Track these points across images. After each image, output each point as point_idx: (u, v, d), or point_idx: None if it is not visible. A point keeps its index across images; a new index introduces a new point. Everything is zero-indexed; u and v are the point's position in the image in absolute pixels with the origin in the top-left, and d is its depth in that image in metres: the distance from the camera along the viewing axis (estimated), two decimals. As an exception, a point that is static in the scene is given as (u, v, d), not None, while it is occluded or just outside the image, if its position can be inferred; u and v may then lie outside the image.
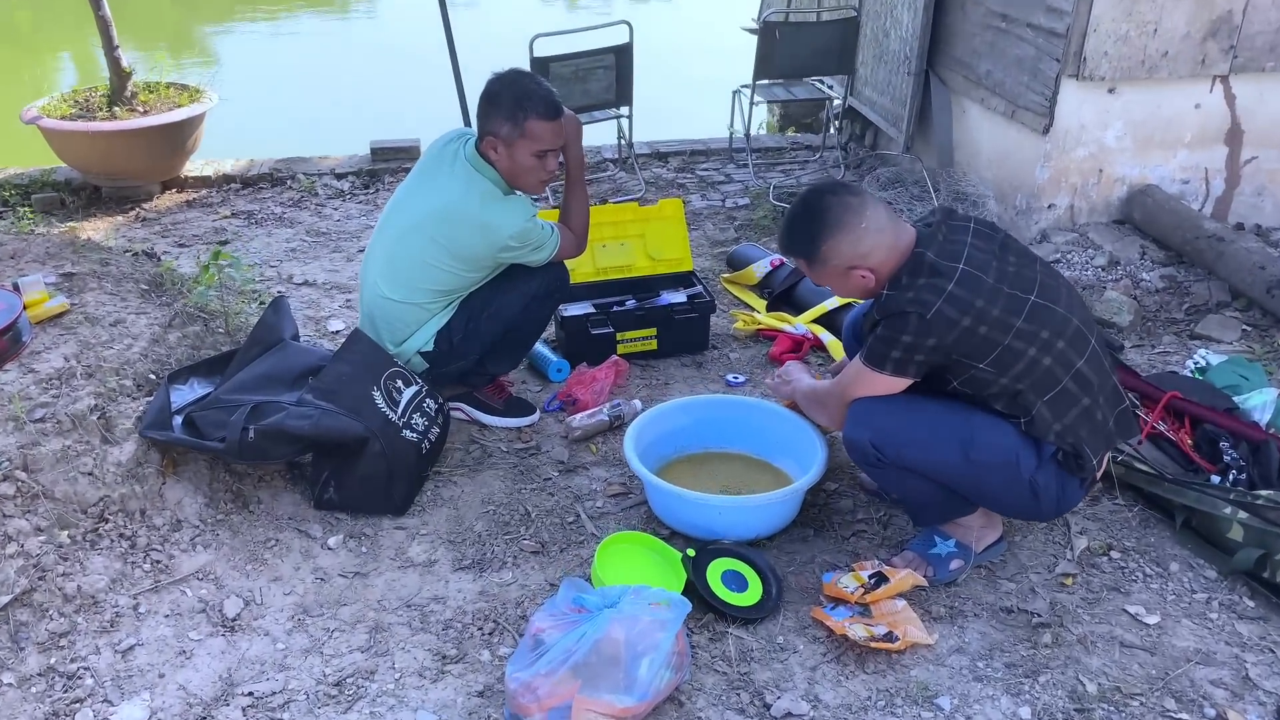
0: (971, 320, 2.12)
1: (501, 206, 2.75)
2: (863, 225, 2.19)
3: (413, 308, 2.85)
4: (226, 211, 4.83)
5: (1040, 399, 2.19)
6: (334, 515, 2.62)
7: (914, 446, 2.24)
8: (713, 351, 3.54)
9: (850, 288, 2.28)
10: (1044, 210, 4.11)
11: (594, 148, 5.70)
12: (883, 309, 2.20)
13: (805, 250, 2.24)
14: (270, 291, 3.89)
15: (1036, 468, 2.24)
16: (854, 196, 2.24)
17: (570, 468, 2.89)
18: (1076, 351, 2.23)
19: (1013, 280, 2.21)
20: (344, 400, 2.60)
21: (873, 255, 2.20)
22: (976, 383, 2.20)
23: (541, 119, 2.69)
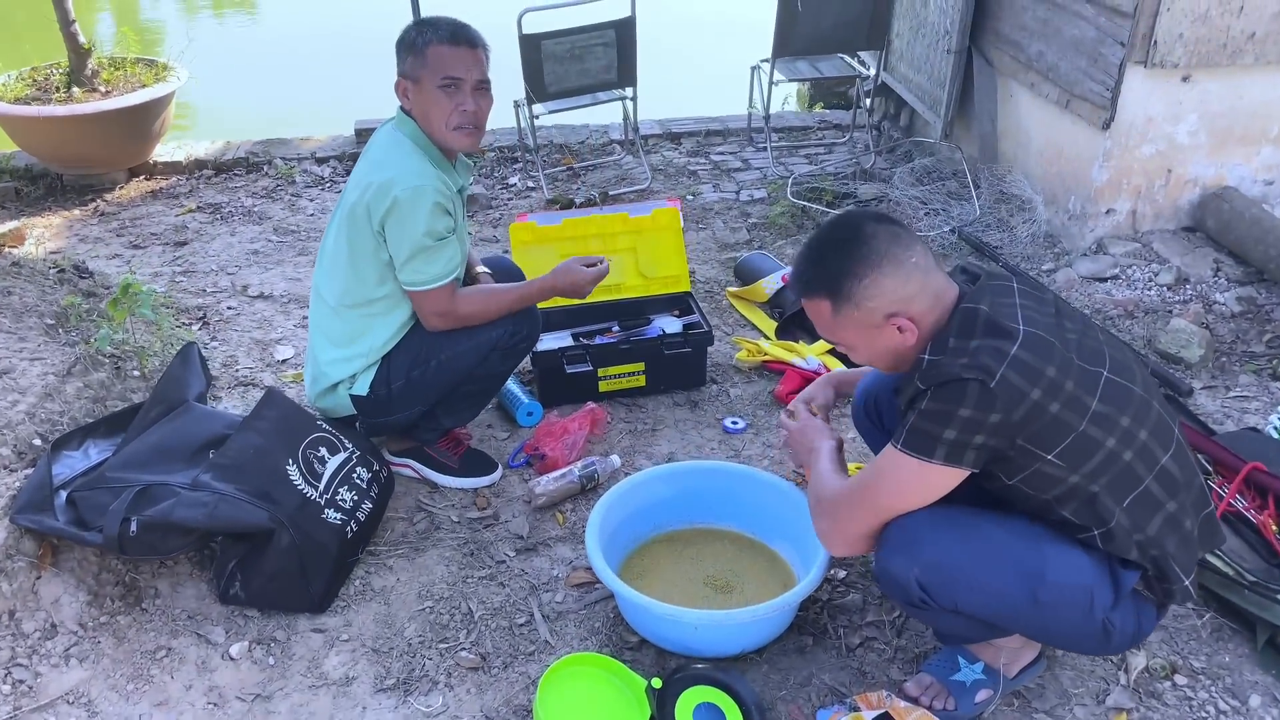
0: (1043, 394, 1.63)
1: (417, 162, 2.33)
2: (912, 260, 1.72)
3: (334, 313, 2.44)
4: (192, 204, 4.41)
5: (1119, 504, 1.71)
6: (242, 613, 2.22)
7: (973, 590, 1.73)
8: (710, 387, 3.08)
9: (878, 347, 1.78)
10: (1101, 216, 3.57)
11: (601, 126, 5.22)
12: (928, 376, 1.68)
13: (832, 285, 1.72)
14: (219, 309, 3.48)
15: (1113, 605, 1.76)
16: (900, 226, 1.76)
17: (530, 545, 2.46)
18: (1161, 444, 1.74)
19: (1079, 350, 1.72)
20: (250, 479, 2.18)
21: (917, 302, 1.72)
22: (1041, 481, 1.70)
23: (444, 43, 2.31)
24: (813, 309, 1.80)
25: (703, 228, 4.14)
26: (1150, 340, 3.15)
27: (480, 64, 2.36)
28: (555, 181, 4.65)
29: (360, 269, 2.39)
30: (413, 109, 2.36)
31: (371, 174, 2.34)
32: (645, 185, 4.52)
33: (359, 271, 2.39)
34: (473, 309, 2.45)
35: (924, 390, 1.69)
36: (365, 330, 2.44)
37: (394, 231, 2.31)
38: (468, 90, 2.34)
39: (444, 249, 2.36)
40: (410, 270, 2.35)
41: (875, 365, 1.87)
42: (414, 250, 2.32)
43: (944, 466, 1.67)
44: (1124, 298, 3.35)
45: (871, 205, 4.17)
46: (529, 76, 4.14)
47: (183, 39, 9.00)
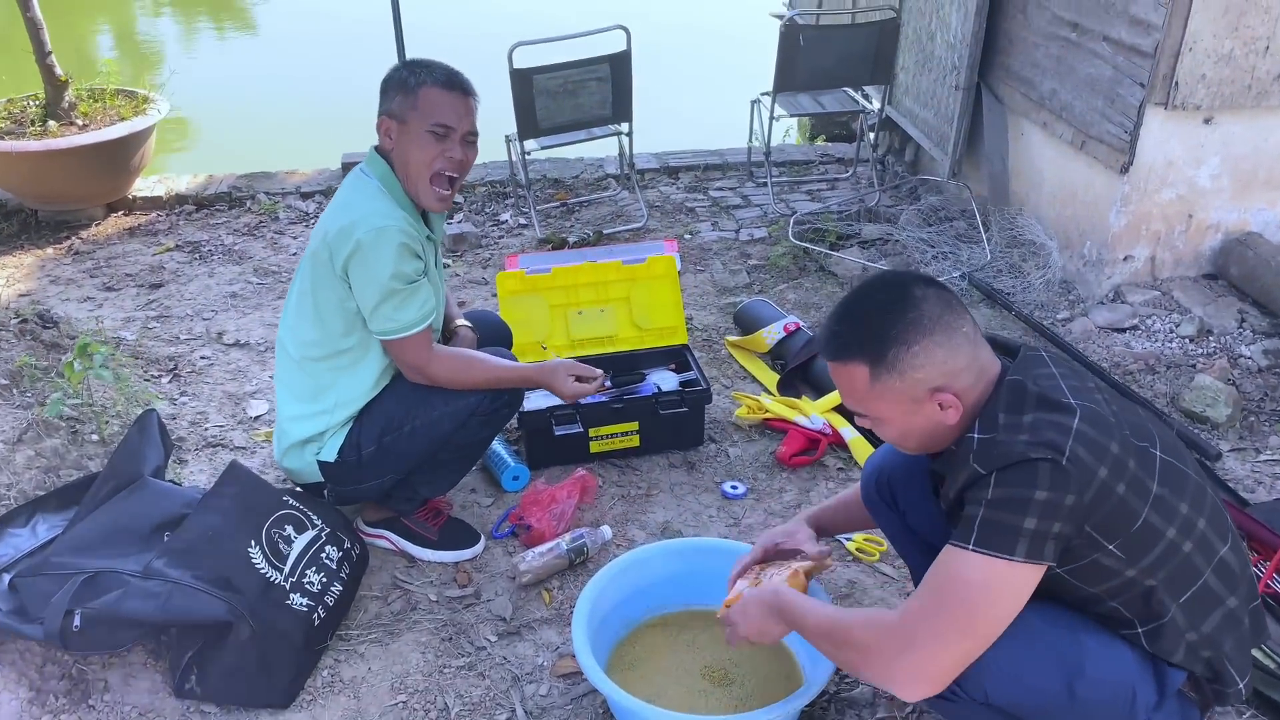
0: (1109, 472, 1.45)
1: (383, 203, 2.18)
2: (964, 330, 1.54)
3: (298, 366, 2.28)
4: (170, 243, 4.25)
5: (1176, 600, 1.53)
6: (199, 708, 2.04)
7: (1005, 680, 1.54)
8: (709, 446, 2.90)
9: (915, 423, 1.58)
10: (1119, 263, 3.41)
11: (596, 160, 5.07)
12: (988, 458, 1.48)
13: (875, 350, 1.52)
14: (191, 359, 3.31)
15: (1156, 705, 1.58)
16: (950, 293, 1.58)
17: (513, 628, 2.28)
18: (1218, 533, 1.58)
19: (1131, 427, 1.55)
20: (208, 564, 2.00)
21: (963, 376, 1.53)
22: (1095, 572, 1.52)
23: (438, 86, 2.16)
24: (844, 374, 1.58)
25: (701, 269, 3.98)
26: (1174, 398, 2.99)
27: (472, 114, 2.22)
28: (548, 218, 4.49)
29: (325, 318, 2.22)
30: (393, 150, 2.20)
31: (334, 218, 2.19)
32: (641, 224, 4.36)
33: (323, 321, 2.23)
34: (446, 373, 2.27)
35: (984, 475, 1.48)
36: (331, 384, 2.28)
37: (358, 276, 2.15)
38: (457, 139, 2.19)
39: (415, 293, 2.19)
40: (380, 318, 2.18)
41: (902, 444, 1.67)
42: (382, 295, 2.15)
43: (1027, 564, 1.45)
44: (1144, 350, 3.19)
45: (876, 245, 4.01)
46: (520, 112, 3.98)
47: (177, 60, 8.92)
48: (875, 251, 3.96)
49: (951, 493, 1.56)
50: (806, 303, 3.68)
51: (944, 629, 1.48)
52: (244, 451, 2.82)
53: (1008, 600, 1.48)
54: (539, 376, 2.37)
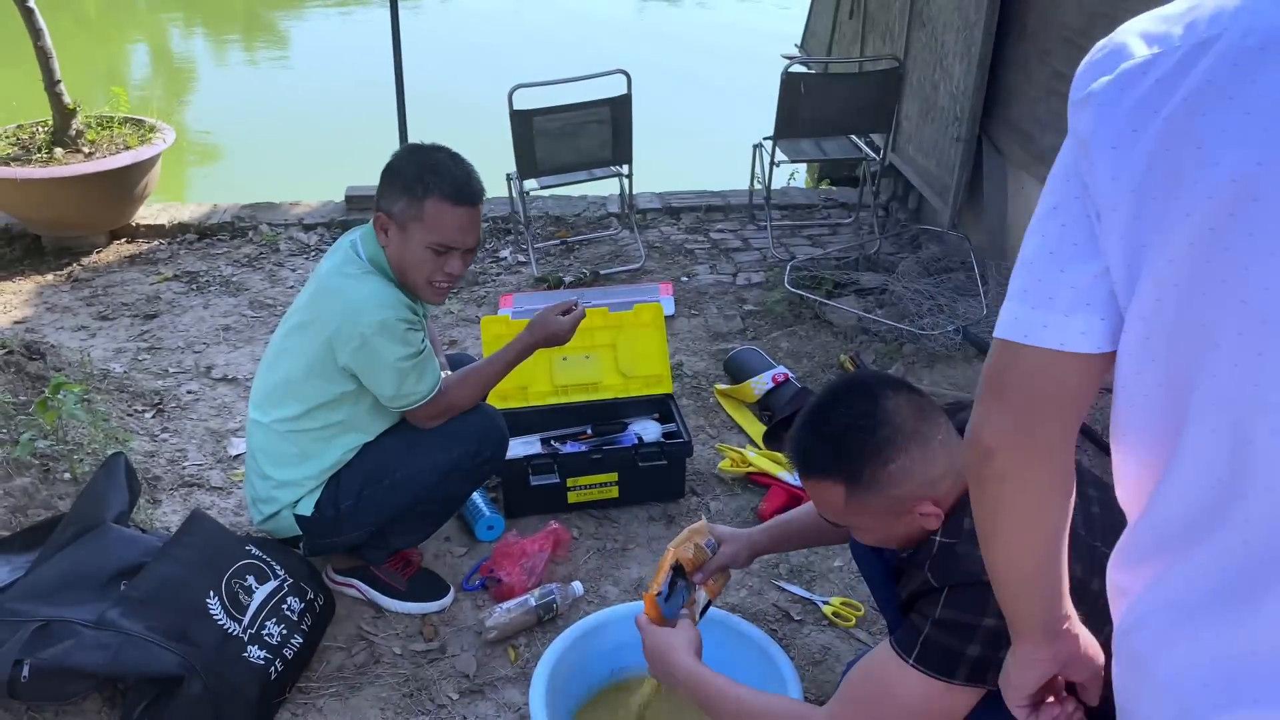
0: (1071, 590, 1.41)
1: (375, 286, 2.14)
2: (938, 438, 1.50)
3: (281, 435, 2.25)
4: (169, 272, 4.26)
5: None
6: (150, 761, 2.01)
7: None
8: (690, 499, 2.86)
9: (896, 532, 1.54)
10: (1115, 321, 3.36)
11: (599, 199, 5.06)
12: (942, 572, 1.44)
13: (849, 471, 1.48)
14: (178, 393, 3.30)
15: None
16: (921, 396, 1.55)
17: (476, 686, 2.24)
18: None
19: (1103, 530, 1.50)
20: (164, 615, 1.98)
21: (942, 482, 1.49)
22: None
23: (446, 200, 2.11)
24: (820, 491, 1.54)
25: (695, 314, 3.95)
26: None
27: (477, 226, 2.19)
28: (547, 256, 4.48)
29: (312, 400, 2.22)
30: (388, 247, 2.18)
31: (329, 311, 2.16)
32: (639, 264, 4.34)
33: (311, 402, 2.22)
34: (463, 396, 2.31)
35: (937, 589, 1.45)
36: (318, 452, 2.27)
37: (367, 368, 2.16)
38: (458, 255, 2.18)
39: (425, 363, 2.20)
40: (400, 399, 2.21)
41: (884, 545, 1.63)
42: (397, 379, 2.17)
43: (966, 687, 1.43)
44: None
45: (873, 295, 3.98)
46: (520, 152, 3.99)
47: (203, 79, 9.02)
48: (871, 301, 3.93)
49: (904, 593, 1.53)
50: (799, 351, 3.64)
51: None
52: (221, 492, 2.81)
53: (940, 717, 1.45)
54: (534, 335, 2.38)
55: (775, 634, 2.38)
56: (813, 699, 2.17)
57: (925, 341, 3.58)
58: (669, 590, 1.96)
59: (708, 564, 2.00)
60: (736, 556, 2.03)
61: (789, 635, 2.39)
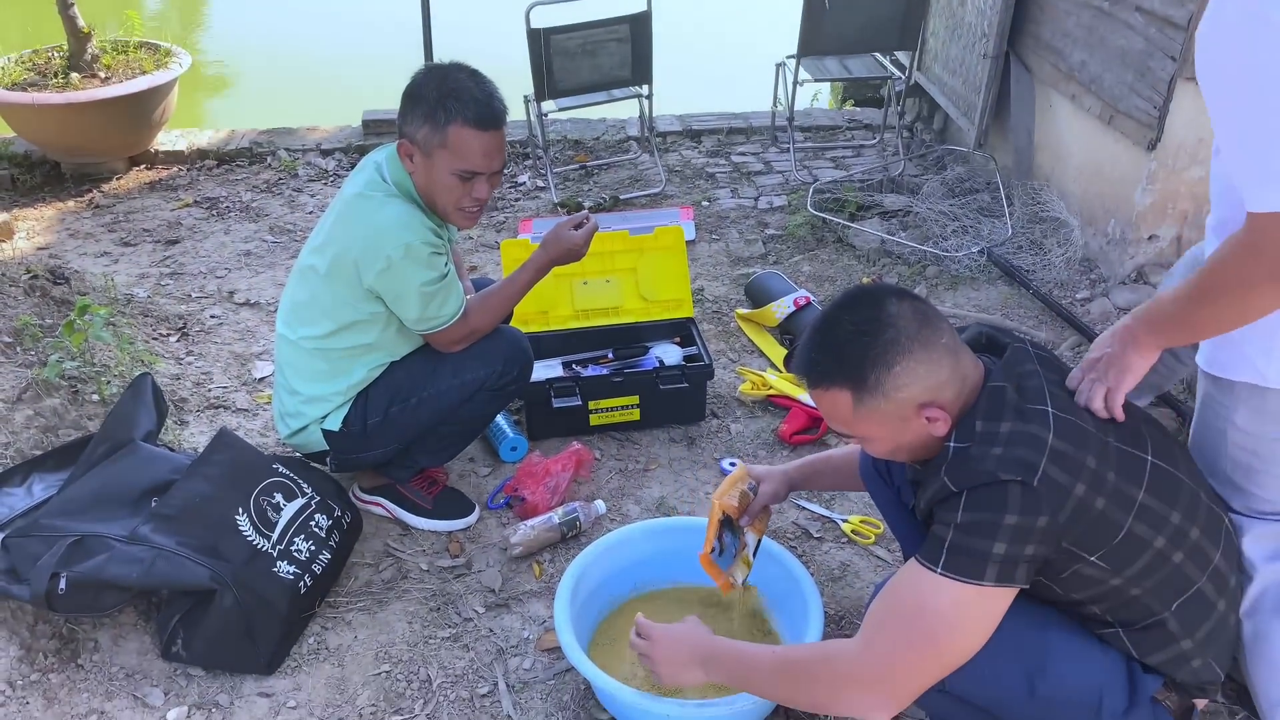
0: (1086, 489, 1.43)
1: (399, 209, 2.13)
2: (942, 343, 1.51)
3: (309, 352, 2.26)
4: (189, 198, 4.26)
5: (1168, 608, 1.51)
6: (186, 671, 2.07)
7: (963, 671, 1.52)
8: (711, 421, 2.87)
9: (905, 440, 1.55)
10: (1143, 242, 3.31)
11: (618, 121, 5.00)
12: (959, 475, 1.46)
13: (854, 375, 1.49)
14: (201, 317, 3.32)
15: (1125, 711, 1.56)
16: (924, 304, 1.55)
17: (502, 600, 2.28)
18: (1212, 540, 1.54)
19: (1116, 431, 1.52)
20: (194, 531, 2.02)
21: (948, 388, 1.51)
22: (1078, 582, 1.50)
23: (469, 126, 2.07)
24: (827, 400, 1.55)
25: (716, 238, 3.92)
26: (1190, 384, 2.90)
27: (502, 149, 2.16)
28: (566, 181, 4.44)
29: (341, 319, 2.22)
30: (414, 173, 2.16)
31: (354, 233, 2.15)
32: (659, 189, 4.30)
33: (339, 321, 2.22)
34: (484, 320, 2.32)
35: (955, 493, 1.46)
36: (348, 369, 2.29)
37: (392, 290, 2.16)
38: (484, 179, 2.15)
39: (449, 287, 2.21)
40: (423, 322, 2.22)
41: (894, 457, 1.64)
42: (422, 303, 2.17)
43: (998, 588, 1.44)
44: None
45: (897, 217, 3.93)
46: (537, 73, 3.92)
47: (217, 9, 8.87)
48: (895, 224, 3.88)
49: (923, 502, 1.54)
50: (821, 275, 3.61)
51: (915, 660, 1.47)
52: (246, 414, 2.84)
53: (978, 626, 1.46)
54: (549, 252, 2.37)
55: (795, 551, 2.40)
56: (831, 613, 2.21)
57: (949, 263, 3.54)
58: (720, 546, 1.99)
59: (751, 506, 2.03)
60: (776, 494, 2.06)
61: (808, 552, 2.42)
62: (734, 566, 2.04)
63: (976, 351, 1.61)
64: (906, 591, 1.50)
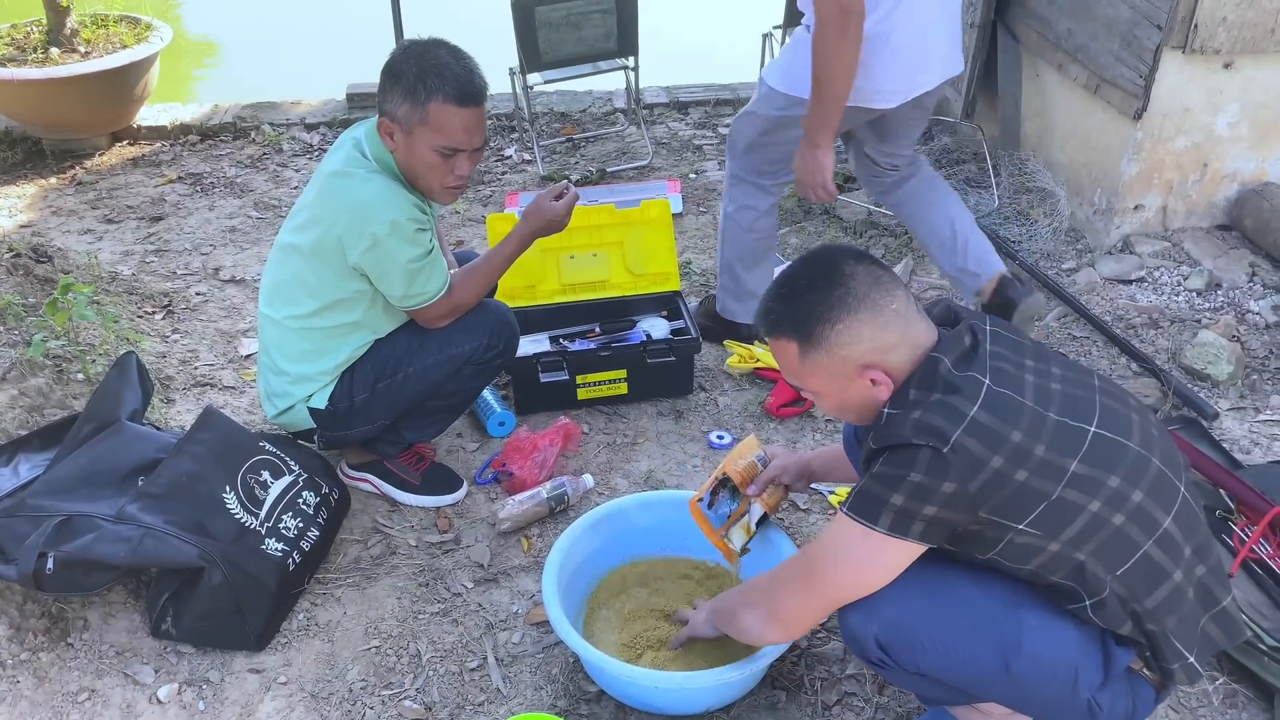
0: (1005, 461, 1.45)
1: (382, 185, 2.12)
2: (892, 307, 1.55)
3: (294, 332, 2.26)
4: (173, 174, 4.22)
5: (1111, 573, 1.52)
6: (176, 648, 2.08)
7: (937, 654, 1.58)
8: (699, 395, 2.88)
9: (848, 398, 1.61)
10: (1129, 212, 3.32)
11: (605, 93, 4.97)
12: (881, 435, 1.54)
13: (801, 328, 1.56)
14: (186, 294, 3.31)
15: (1101, 685, 1.58)
16: (881, 268, 1.59)
17: (491, 575, 2.30)
18: (1162, 504, 1.54)
19: (1061, 404, 1.53)
20: (182, 509, 2.02)
21: (894, 354, 1.55)
22: (1018, 552, 1.51)
23: (450, 102, 2.06)
24: (779, 350, 1.62)
25: (704, 211, 3.91)
26: (1175, 354, 2.92)
27: (483, 125, 2.14)
28: (553, 154, 4.42)
29: (325, 297, 2.22)
30: (395, 151, 2.15)
31: (337, 203, 2.14)
32: (647, 161, 4.28)
33: (332, 295, 2.22)
34: (468, 294, 2.32)
35: (877, 452, 1.54)
36: (334, 348, 2.28)
37: (377, 268, 2.15)
38: (465, 156, 2.14)
39: (434, 263, 2.20)
40: (409, 299, 2.21)
41: (842, 416, 1.71)
42: (407, 279, 2.17)
43: (890, 537, 1.51)
44: (1149, 304, 3.11)
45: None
46: (522, 45, 3.89)
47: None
48: (882, 194, 3.87)
49: (862, 462, 1.62)
50: (808, 248, 3.61)
51: (793, 583, 1.67)
52: (233, 391, 2.84)
53: (859, 566, 1.56)
54: (530, 224, 2.37)
55: (782, 523, 2.42)
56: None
57: (936, 235, 3.53)
58: (710, 498, 2.01)
59: (759, 476, 2.05)
60: (786, 469, 2.07)
61: (795, 524, 2.43)
62: (732, 529, 2.05)
63: (939, 325, 1.63)
64: (822, 531, 1.64)
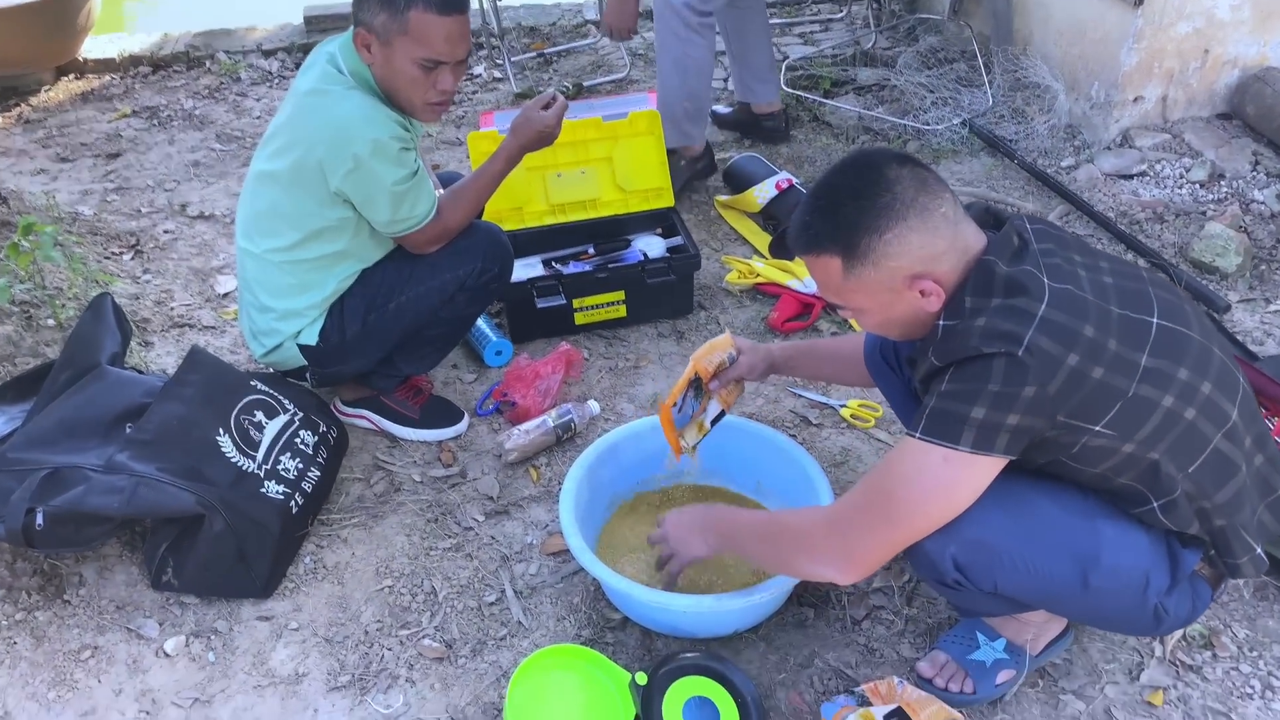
0: (1081, 359, 1.37)
1: (361, 102, 1.99)
2: (941, 211, 1.44)
3: (276, 266, 2.13)
4: (127, 108, 4.01)
5: (1183, 470, 1.46)
6: (179, 599, 1.99)
7: (1018, 572, 1.49)
8: (699, 314, 2.79)
9: (895, 313, 1.50)
10: (1128, 104, 3.22)
11: (574, 5, 4.76)
12: (944, 350, 1.43)
13: (846, 241, 1.43)
14: (154, 233, 3.15)
15: (1169, 589, 1.54)
16: (926, 170, 1.47)
17: (501, 507, 2.22)
18: (1227, 395, 1.48)
19: (1119, 297, 1.46)
20: (175, 455, 1.92)
21: (944, 260, 1.45)
22: (1090, 455, 1.44)
23: (431, 10, 1.92)
24: (819, 267, 1.50)
25: (687, 123, 3.76)
26: (1182, 248, 2.86)
27: (467, 35, 2.00)
28: (524, 70, 4.23)
29: (307, 227, 2.08)
30: (373, 65, 2.00)
31: (314, 124, 2.00)
32: (624, 74, 4.11)
33: (313, 224, 2.08)
34: (458, 217, 2.19)
35: (941, 368, 1.43)
36: (319, 282, 2.16)
37: (361, 192, 2.02)
38: (449, 69, 1.99)
39: (420, 185, 2.07)
40: (397, 224, 2.08)
41: (885, 333, 1.59)
42: (394, 203, 2.04)
43: (974, 455, 1.40)
44: (1152, 198, 3.04)
45: (872, 92, 3.80)
46: (490, -45, 3.69)
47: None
48: (871, 98, 3.75)
49: (917, 381, 1.51)
50: (800, 156, 3.49)
51: (868, 519, 1.49)
52: (213, 331, 2.71)
53: (945, 492, 1.44)
54: (519, 137, 2.25)
55: (795, 439, 2.35)
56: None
57: (930, 137, 3.44)
58: (682, 403, 1.93)
59: (724, 374, 1.96)
60: (754, 368, 1.99)
61: (808, 439, 2.37)
62: (688, 427, 1.99)
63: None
64: (886, 458, 1.49)
